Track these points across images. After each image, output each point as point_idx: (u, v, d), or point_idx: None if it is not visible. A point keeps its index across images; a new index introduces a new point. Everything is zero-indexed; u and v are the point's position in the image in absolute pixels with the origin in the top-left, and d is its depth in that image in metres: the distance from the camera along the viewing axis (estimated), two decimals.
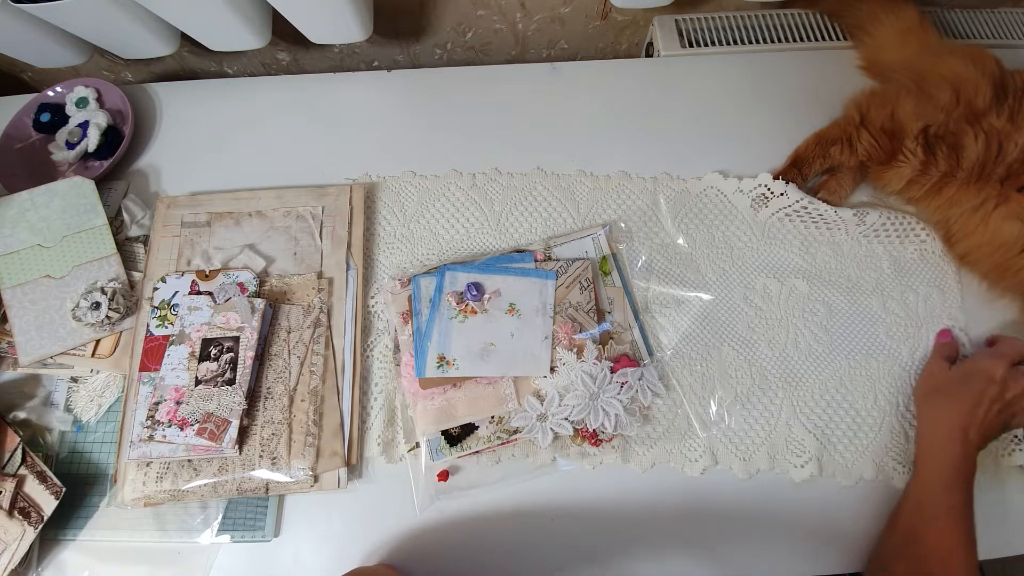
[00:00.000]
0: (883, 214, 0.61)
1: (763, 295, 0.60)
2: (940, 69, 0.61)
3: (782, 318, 0.59)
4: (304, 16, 0.66)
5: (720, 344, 0.58)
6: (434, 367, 0.55)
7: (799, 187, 0.63)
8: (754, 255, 0.62)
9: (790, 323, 0.59)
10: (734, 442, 0.55)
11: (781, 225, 0.63)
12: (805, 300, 0.60)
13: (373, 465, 0.55)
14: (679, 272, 0.61)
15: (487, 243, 0.64)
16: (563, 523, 0.53)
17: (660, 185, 0.66)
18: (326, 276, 0.61)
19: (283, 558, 0.53)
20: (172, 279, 0.60)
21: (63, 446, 0.57)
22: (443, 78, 0.76)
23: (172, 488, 0.52)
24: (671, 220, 0.64)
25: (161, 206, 0.64)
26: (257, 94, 0.75)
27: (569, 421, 0.53)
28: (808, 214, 0.62)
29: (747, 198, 0.63)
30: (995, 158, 0.56)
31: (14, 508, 0.52)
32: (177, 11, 0.63)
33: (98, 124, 0.69)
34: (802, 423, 0.55)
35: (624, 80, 0.74)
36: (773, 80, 0.73)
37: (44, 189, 0.64)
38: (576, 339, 0.56)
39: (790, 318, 0.59)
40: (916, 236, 0.62)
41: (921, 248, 0.62)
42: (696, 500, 0.53)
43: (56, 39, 0.68)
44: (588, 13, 0.82)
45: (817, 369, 0.57)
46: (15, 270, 0.60)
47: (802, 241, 0.63)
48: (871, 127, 0.60)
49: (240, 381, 0.54)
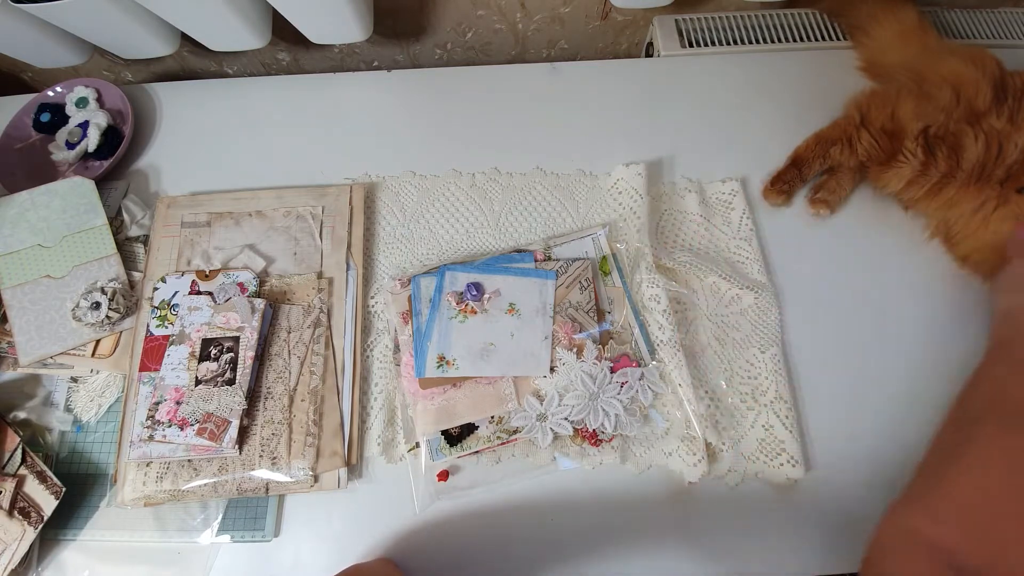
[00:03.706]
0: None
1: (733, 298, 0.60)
2: (940, 69, 0.61)
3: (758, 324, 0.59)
4: (304, 16, 0.66)
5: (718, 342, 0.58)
6: (434, 367, 0.55)
7: (799, 187, 0.63)
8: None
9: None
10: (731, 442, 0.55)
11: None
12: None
13: (373, 465, 0.55)
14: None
15: (487, 243, 0.64)
16: (563, 522, 0.53)
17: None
18: (326, 276, 0.61)
19: (283, 558, 0.53)
20: (172, 279, 0.60)
21: (63, 446, 0.57)
22: (443, 78, 0.76)
23: (172, 488, 0.52)
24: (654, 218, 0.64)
25: (161, 206, 0.64)
26: (257, 94, 0.75)
27: (569, 421, 0.53)
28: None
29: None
30: (995, 159, 0.56)
31: (14, 508, 0.52)
32: (177, 11, 0.63)
33: (98, 124, 0.69)
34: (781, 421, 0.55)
35: (624, 80, 0.74)
36: (773, 80, 0.73)
37: (44, 189, 0.64)
38: (576, 339, 0.56)
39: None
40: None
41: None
42: (696, 500, 0.53)
43: (56, 39, 0.68)
44: (588, 13, 0.82)
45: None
46: (15, 270, 0.60)
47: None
48: (871, 127, 0.60)
49: (240, 381, 0.54)
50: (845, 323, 0.59)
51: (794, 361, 0.58)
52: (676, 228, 0.64)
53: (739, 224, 0.64)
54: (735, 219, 0.64)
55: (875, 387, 0.57)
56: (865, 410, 0.56)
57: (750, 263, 0.62)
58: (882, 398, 0.56)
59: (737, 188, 0.65)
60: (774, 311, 0.59)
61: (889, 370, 0.57)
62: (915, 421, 0.55)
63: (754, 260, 0.62)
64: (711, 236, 0.64)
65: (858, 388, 0.57)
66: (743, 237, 0.63)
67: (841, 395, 0.57)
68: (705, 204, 0.65)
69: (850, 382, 0.57)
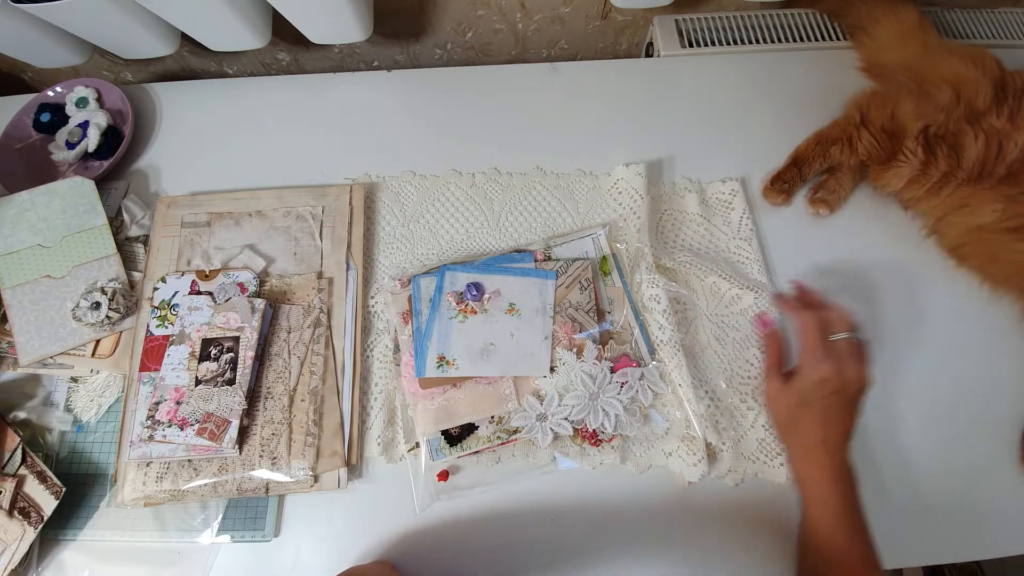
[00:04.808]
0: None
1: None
2: (940, 69, 0.61)
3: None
4: (304, 16, 0.66)
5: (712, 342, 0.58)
6: (434, 367, 0.55)
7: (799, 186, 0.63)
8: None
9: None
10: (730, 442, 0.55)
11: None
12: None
13: (373, 465, 0.55)
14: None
15: (487, 243, 0.64)
16: (563, 522, 0.53)
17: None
18: (326, 276, 0.61)
19: (283, 558, 0.52)
20: (172, 279, 0.60)
21: (63, 446, 0.57)
22: (443, 78, 0.76)
23: (172, 488, 0.52)
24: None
25: (161, 206, 0.64)
26: (257, 94, 0.75)
27: (569, 421, 0.53)
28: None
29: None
30: (995, 158, 0.56)
31: (14, 508, 0.52)
32: (177, 11, 0.63)
33: (98, 124, 0.69)
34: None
35: (624, 80, 0.74)
36: (773, 80, 0.73)
37: (44, 189, 0.64)
38: (576, 339, 0.56)
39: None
40: None
41: None
42: (696, 499, 0.53)
43: (56, 39, 0.68)
44: (588, 13, 0.82)
45: None
46: (15, 270, 0.60)
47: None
48: (871, 127, 0.60)
49: (240, 381, 0.54)
50: None
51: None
52: (676, 228, 0.64)
53: (739, 224, 0.64)
54: (735, 219, 0.64)
55: (875, 387, 0.57)
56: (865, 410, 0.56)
57: (750, 263, 0.62)
58: (882, 398, 0.56)
59: (737, 188, 0.65)
60: (774, 311, 0.59)
61: (888, 370, 0.57)
62: (914, 421, 0.56)
63: (754, 260, 0.62)
64: (711, 236, 0.64)
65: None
66: (743, 237, 0.63)
67: None
68: (705, 204, 0.65)
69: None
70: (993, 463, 0.54)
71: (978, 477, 0.53)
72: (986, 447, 0.54)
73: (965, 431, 0.55)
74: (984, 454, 0.54)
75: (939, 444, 0.55)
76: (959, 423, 0.55)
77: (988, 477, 0.53)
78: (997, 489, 0.53)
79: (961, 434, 0.55)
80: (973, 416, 0.56)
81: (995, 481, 0.53)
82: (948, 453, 0.54)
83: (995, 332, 0.59)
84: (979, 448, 0.55)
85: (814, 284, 0.60)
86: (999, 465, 0.54)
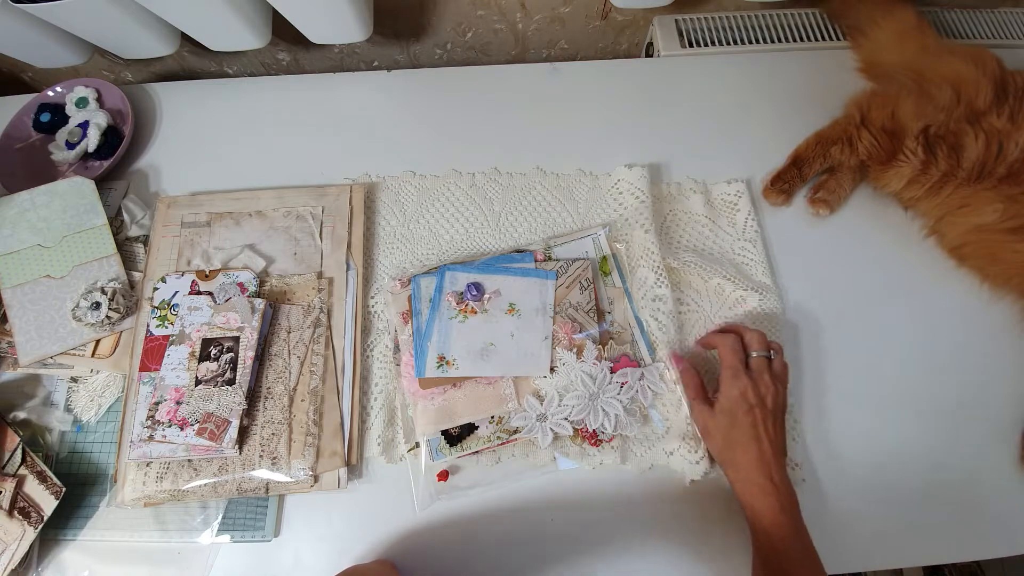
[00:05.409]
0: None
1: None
2: (940, 69, 0.61)
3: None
4: (304, 16, 0.66)
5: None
6: (434, 367, 0.55)
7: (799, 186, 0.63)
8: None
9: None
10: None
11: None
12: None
13: (373, 465, 0.55)
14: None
15: (487, 243, 0.64)
16: (563, 523, 0.53)
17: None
18: (326, 276, 0.61)
19: (283, 558, 0.52)
20: (172, 279, 0.60)
21: (63, 446, 0.57)
22: (443, 78, 0.76)
23: (172, 488, 0.52)
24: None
25: (161, 206, 0.64)
26: (257, 94, 0.75)
27: (569, 421, 0.53)
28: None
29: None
30: (995, 158, 0.56)
31: (14, 508, 0.52)
32: (177, 11, 0.63)
33: (98, 124, 0.69)
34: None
35: (624, 80, 0.74)
36: (773, 80, 0.73)
37: (44, 189, 0.64)
38: (576, 339, 0.56)
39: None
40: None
41: None
42: (696, 499, 0.53)
43: (56, 39, 0.68)
44: (588, 13, 0.82)
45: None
46: (15, 270, 0.60)
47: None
48: (871, 127, 0.60)
49: (240, 381, 0.54)
50: (845, 323, 0.59)
51: (793, 360, 0.58)
52: (681, 229, 0.64)
53: (744, 226, 0.64)
54: (740, 220, 0.64)
55: (875, 387, 0.57)
56: (865, 411, 0.56)
57: (755, 264, 0.62)
58: (882, 399, 0.56)
59: (742, 189, 0.65)
60: (778, 313, 0.59)
61: (890, 370, 0.57)
62: (916, 421, 0.56)
63: (759, 262, 0.62)
64: (716, 237, 0.63)
65: (859, 389, 0.57)
66: (748, 239, 0.63)
67: (842, 396, 0.56)
68: (710, 205, 0.65)
69: (851, 383, 0.57)
70: (993, 463, 0.54)
71: (978, 477, 0.53)
72: (986, 447, 0.54)
73: (965, 431, 0.55)
74: (984, 454, 0.54)
75: (939, 444, 0.55)
76: (959, 423, 0.55)
77: (988, 477, 0.53)
78: (997, 489, 0.53)
79: (961, 434, 0.55)
80: (973, 416, 0.56)
81: (995, 481, 0.53)
82: (948, 453, 0.54)
83: (995, 332, 0.59)
84: (979, 448, 0.54)
85: (813, 284, 0.61)
86: (999, 465, 0.54)
